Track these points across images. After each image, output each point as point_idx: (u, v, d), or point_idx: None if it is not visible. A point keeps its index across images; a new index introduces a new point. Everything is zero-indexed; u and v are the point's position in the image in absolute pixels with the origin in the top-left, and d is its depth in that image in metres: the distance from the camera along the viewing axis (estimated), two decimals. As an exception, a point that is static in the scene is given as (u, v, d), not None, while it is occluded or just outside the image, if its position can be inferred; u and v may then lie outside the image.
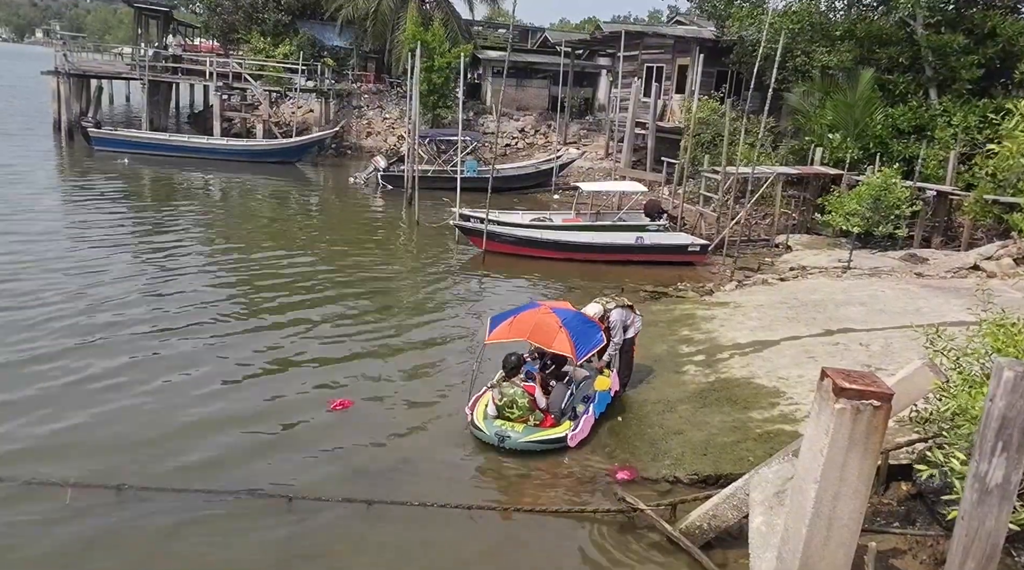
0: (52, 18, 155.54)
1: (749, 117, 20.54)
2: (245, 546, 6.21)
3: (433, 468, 7.58)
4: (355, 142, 34.82)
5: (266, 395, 9.02)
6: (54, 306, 11.36)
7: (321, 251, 16.87)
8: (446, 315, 12.96)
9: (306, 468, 7.41)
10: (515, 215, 18.89)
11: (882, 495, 6.40)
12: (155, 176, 25.63)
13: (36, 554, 5.95)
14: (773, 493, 5.50)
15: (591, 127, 33.84)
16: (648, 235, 17.61)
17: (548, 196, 26.08)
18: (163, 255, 15.07)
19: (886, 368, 8.22)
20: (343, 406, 8.74)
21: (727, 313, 12.11)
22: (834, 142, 20.99)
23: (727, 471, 7.07)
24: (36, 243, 14.97)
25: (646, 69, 29.58)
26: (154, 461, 7.32)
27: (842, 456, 3.97)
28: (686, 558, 6.08)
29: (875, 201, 15.39)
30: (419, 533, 6.50)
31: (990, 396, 3.63)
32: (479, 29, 46.34)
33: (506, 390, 8.19)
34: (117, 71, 36.72)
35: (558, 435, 7.95)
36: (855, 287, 13.06)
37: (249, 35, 38.18)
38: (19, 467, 6.93)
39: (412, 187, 21.22)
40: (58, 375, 9.06)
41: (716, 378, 9.38)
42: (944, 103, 20.92)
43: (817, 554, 4.17)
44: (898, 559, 5.59)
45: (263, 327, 11.32)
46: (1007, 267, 14.39)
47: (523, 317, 8.55)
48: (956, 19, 21.51)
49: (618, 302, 9.30)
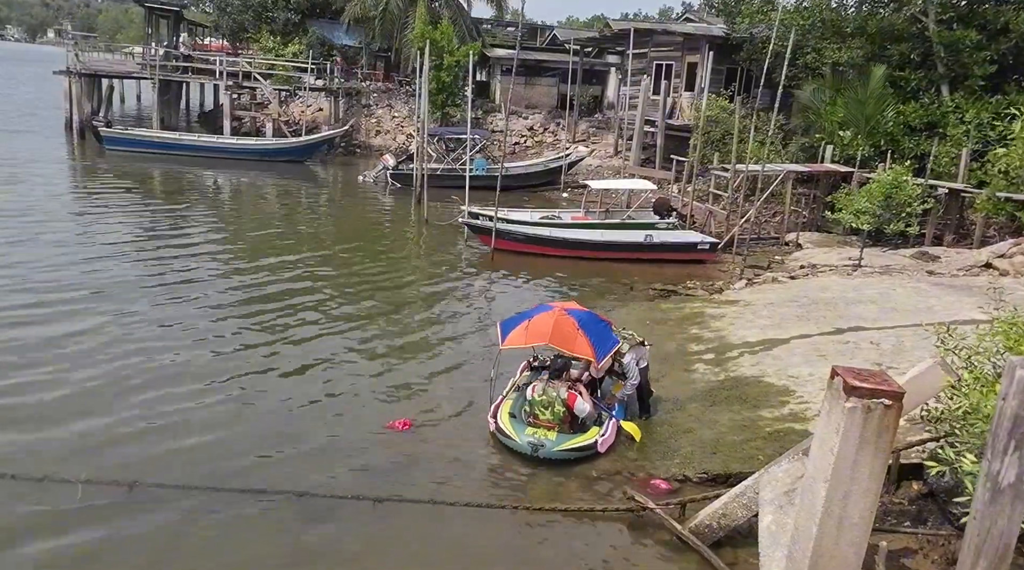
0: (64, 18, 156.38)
1: (759, 114, 20.44)
2: (255, 543, 6.23)
3: (443, 467, 7.59)
4: (364, 141, 34.89)
5: (274, 394, 9.04)
6: (66, 306, 11.42)
7: (330, 249, 16.91)
8: (455, 315, 12.97)
9: (316, 467, 7.43)
10: (524, 213, 18.90)
11: (893, 494, 6.37)
12: (166, 175, 25.75)
13: (47, 551, 5.99)
14: (783, 492, 5.47)
15: (600, 125, 33.75)
16: (657, 233, 17.57)
17: (557, 194, 26.05)
18: (175, 254, 15.13)
19: (897, 367, 8.17)
20: (405, 426, 8.29)
21: (737, 311, 12.07)
22: (845, 139, 20.87)
23: (736, 470, 7.05)
24: (46, 243, 15.04)
25: (655, 67, 29.48)
26: (164, 459, 7.36)
27: (853, 455, 3.95)
28: (696, 557, 6.07)
29: (886, 199, 15.29)
30: (429, 531, 6.51)
31: (1002, 395, 3.60)
32: (488, 27, 46.26)
33: (549, 391, 8.02)
34: (128, 71, 36.92)
35: (589, 442, 7.78)
36: (866, 285, 12.99)
37: (259, 34, 38.32)
38: (32, 465, 6.98)
39: (421, 185, 21.24)
40: (69, 374, 9.11)
41: (726, 376, 9.35)
42: (956, 99, 20.75)
43: (828, 553, 4.15)
44: (909, 559, 5.56)
45: (272, 327, 11.35)
46: (1020, 265, 14.26)
47: (539, 320, 8.30)
48: (968, 14, 21.33)
49: (631, 342, 8.59)
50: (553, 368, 8.34)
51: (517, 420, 8.06)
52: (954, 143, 19.58)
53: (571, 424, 7.98)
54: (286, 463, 7.46)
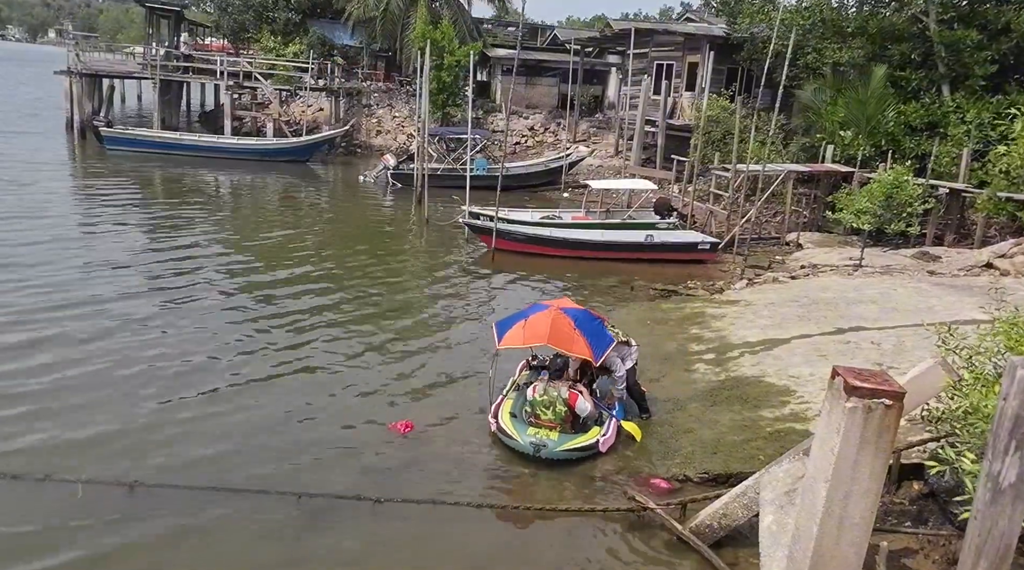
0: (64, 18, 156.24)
1: (759, 114, 20.44)
2: (255, 543, 6.23)
3: (443, 467, 7.58)
4: (365, 141, 34.89)
5: (275, 394, 9.04)
6: (69, 308, 11.42)
7: (330, 250, 16.91)
8: (455, 315, 12.97)
9: (315, 467, 7.43)
10: (525, 213, 18.89)
11: (894, 494, 6.37)
12: (166, 175, 25.75)
13: (47, 550, 5.98)
14: (784, 492, 5.47)
15: (601, 125, 33.75)
16: (658, 233, 17.57)
17: (558, 194, 26.05)
18: (175, 255, 15.12)
19: (898, 367, 8.17)
20: (407, 428, 8.26)
21: (737, 311, 12.07)
22: (845, 139, 20.86)
23: (737, 470, 7.04)
24: (47, 244, 15.03)
25: (656, 66, 29.47)
26: (165, 459, 7.36)
27: (853, 455, 3.95)
28: (696, 557, 6.07)
29: (887, 199, 15.29)
30: (429, 531, 6.51)
31: (1003, 395, 3.60)
32: (488, 27, 46.28)
33: (550, 391, 8.02)
34: (129, 71, 36.93)
35: (590, 442, 7.77)
36: (867, 285, 12.98)
37: (259, 34, 38.32)
38: (33, 464, 6.98)
39: (422, 185, 21.24)
40: (73, 374, 9.11)
41: (726, 376, 9.35)
42: (957, 99, 20.74)
43: (828, 553, 4.15)
44: (910, 559, 5.56)
45: (272, 327, 11.34)
46: (1021, 265, 14.25)
47: (535, 320, 8.24)
48: (969, 14, 21.32)
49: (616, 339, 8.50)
50: (553, 368, 8.32)
51: (518, 420, 8.04)
52: (955, 143, 19.57)
53: (572, 424, 7.97)
54: (286, 463, 7.45)
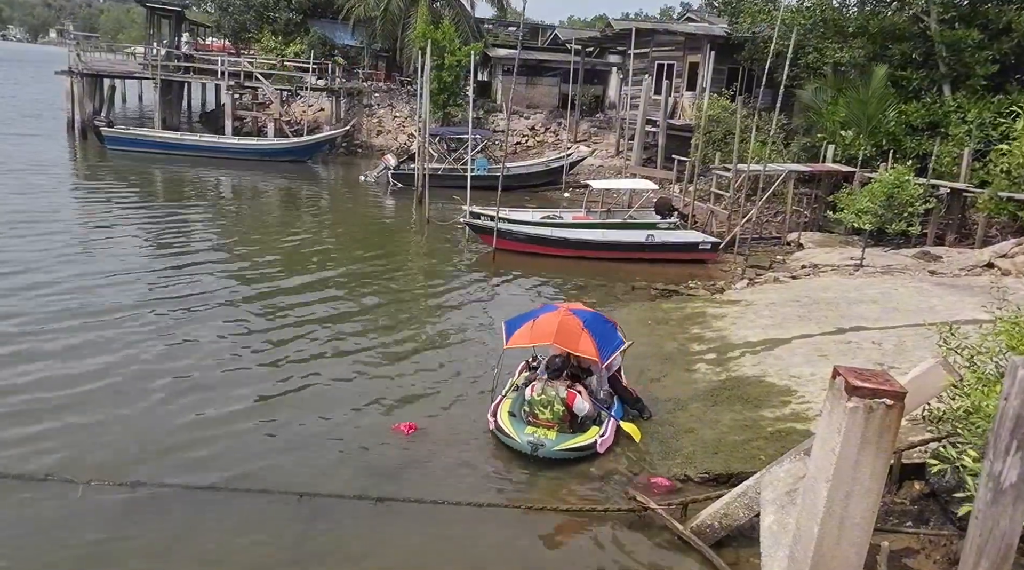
0: (65, 18, 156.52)
1: (760, 114, 20.45)
2: (255, 543, 6.23)
3: (444, 467, 7.58)
4: (366, 140, 34.91)
5: (276, 394, 9.04)
6: (69, 309, 11.43)
7: (331, 250, 16.92)
8: (456, 314, 12.96)
9: (316, 467, 7.43)
10: (525, 213, 18.91)
11: (895, 494, 6.36)
12: (167, 175, 25.77)
13: (48, 551, 5.98)
14: (785, 492, 5.47)
15: (601, 125, 33.75)
16: (659, 233, 17.57)
17: (558, 194, 26.05)
18: (177, 256, 15.14)
19: (899, 366, 8.16)
20: (411, 429, 8.26)
21: (738, 311, 12.06)
22: (846, 139, 20.86)
23: (738, 470, 7.04)
24: (48, 245, 15.05)
25: (657, 66, 29.48)
26: (165, 459, 7.36)
27: (854, 455, 3.95)
28: (697, 557, 6.06)
29: (888, 198, 15.28)
30: (430, 530, 6.51)
31: (1004, 395, 3.60)
32: (489, 27, 46.26)
33: (548, 391, 8.02)
34: (130, 71, 36.93)
35: (588, 442, 7.77)
36: (868, 285, 12.98)
37: (260, 34, 38.30)
38: (35, 464, 6.99)
39: (422, 185, 21.25)
40: (71, 375, 9.11)
41: (727, 376, 9.34)
42: (958, 99, 20.73)
43: (829, 553, 4.15)
44: (911, 558, 5.55)
45: (272, 327, 11.35)
46: (1022, 264, 14.24)
47: (544, 320, 8.30)
48: (971, 14, 21.31)
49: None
50: (552, 368, 8.33)
51: (517, 419, 8.06)
52: (956, 143, 19.56)
53: (571, 423, 7.98)
54: (287, 463, 7.45)
